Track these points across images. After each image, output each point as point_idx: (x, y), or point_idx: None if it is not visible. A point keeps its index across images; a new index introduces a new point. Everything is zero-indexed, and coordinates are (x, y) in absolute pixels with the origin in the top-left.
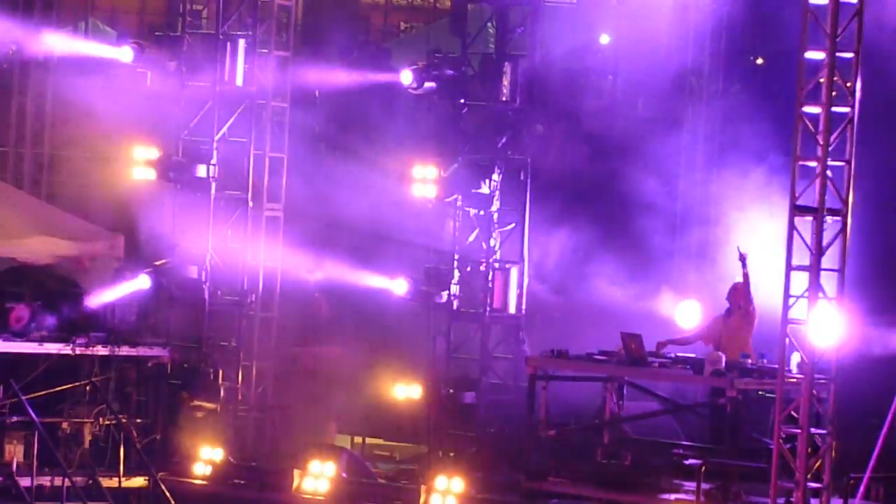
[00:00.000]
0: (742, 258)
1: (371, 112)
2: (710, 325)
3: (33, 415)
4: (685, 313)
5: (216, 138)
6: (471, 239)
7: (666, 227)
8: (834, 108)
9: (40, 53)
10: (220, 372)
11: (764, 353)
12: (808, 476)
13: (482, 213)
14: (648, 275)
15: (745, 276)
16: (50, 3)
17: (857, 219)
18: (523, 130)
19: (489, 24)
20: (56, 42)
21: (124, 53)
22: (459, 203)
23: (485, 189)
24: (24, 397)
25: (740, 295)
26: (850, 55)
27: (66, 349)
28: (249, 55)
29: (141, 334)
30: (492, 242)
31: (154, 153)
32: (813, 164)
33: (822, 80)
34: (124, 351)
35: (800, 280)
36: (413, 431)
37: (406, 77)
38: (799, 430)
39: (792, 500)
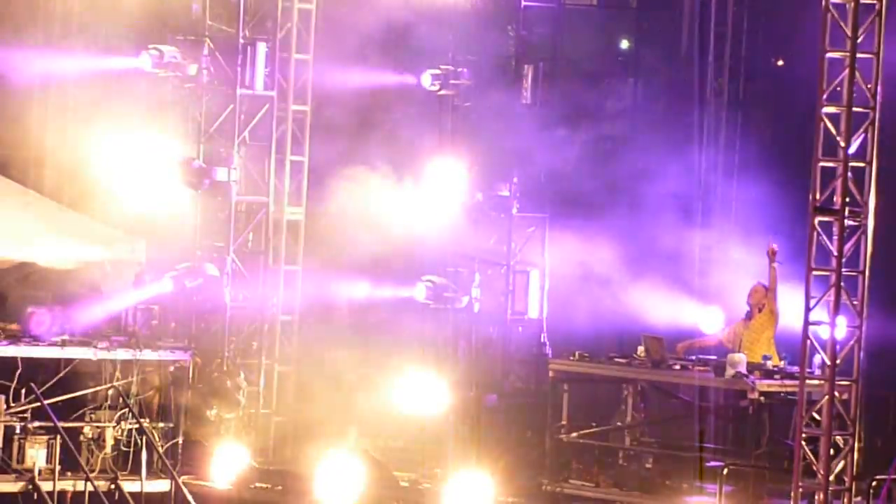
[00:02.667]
0: (771, 253)
1: (391, 114)
2: (731, 329)
3: (55, 419)
4: (708, 319)
5: (237, 142)
6: (491, 242)
7: (687, 230)
8: (855, 109)
9: (61, 60)
10: (242, 375)
11: (785, 355)
12: (831, 478)
13: (502, 215)
14: (669, 278)
15: (773, 270)
16: (70, 10)
17: (879, 219)
18: (544, 133)
19: (509, 27)
20: (76, 50)
21: (143, 61)
22: (480, 205)
23: (505, 192)
24: (45, 402)
25: (761, 296)
26: (870, 56)
27: (87, 353)
28: (270, 59)
29: (162, 338)
30: (512, 245)
31: (175, 157)
32: (833, 164)
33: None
34: (146, 355)
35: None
36: (434, 435)
37: (426, 80)
38: (821, 433)
39: (815, 502)
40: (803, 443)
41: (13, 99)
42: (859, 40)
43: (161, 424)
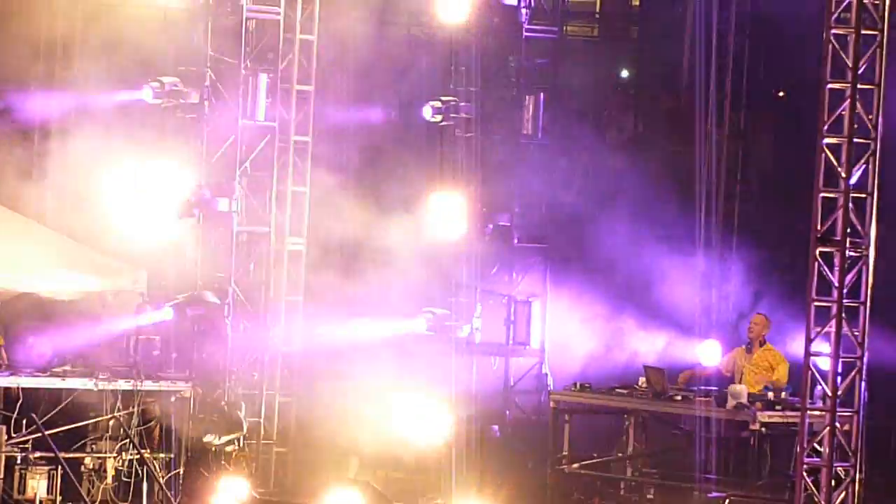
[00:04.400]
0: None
1: (391, 145)
2: (729, 358)
3: (56, 450)
4: (707, 352)
5: (238, 172)
6: (493, 272)
7: (689, 261)
8: (856, 140)
9: (63, 93)
10: (243, 405)
11: (787, 387)
12: None
13: (503, 246)
14: (669, 309)
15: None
16: (73, 40)
17: (880, 250)
18: (545, 164)
19: (510, 58)
20: (77, 82)
21: (145, 93)
22: (480, 236)
23: (505, 222)
24: (46, 432)
25: (761, 328)
26: (872, 87)
27: (88, 384)
28: (272, 89)
29: (164, 368)
30: (513, 275)
31: (176, 188)
32: (834, 195)
33: (843, 112)
34: (147, 385)
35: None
36: (436, 465)
37: (427, 112)
38: (823, 464)
39: None
40: (805, 474)
41: (16, 131)
42: (860, 71)
43: (162, 455)
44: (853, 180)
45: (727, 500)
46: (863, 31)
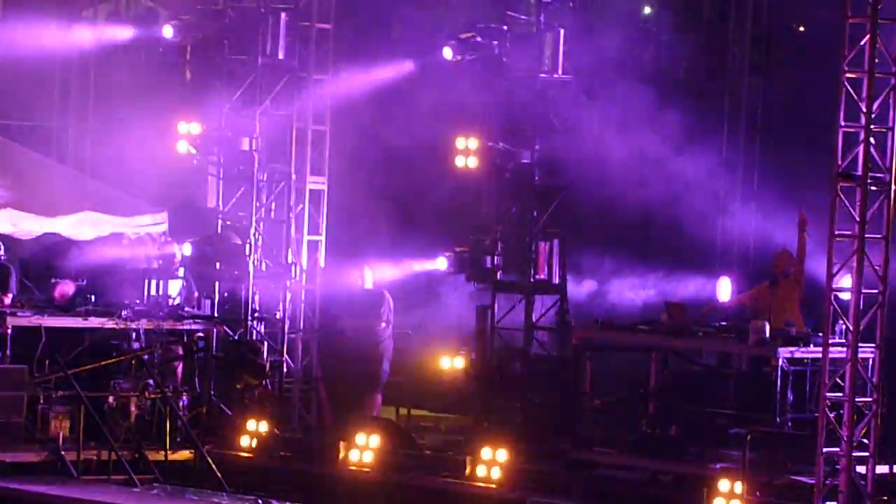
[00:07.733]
0: (802, 223)
1: (411, 85)
2: (754, 294)
3: (79, 389)
4: (721, 289)
5: (259, 112)
6: (513, 211)
7: (710, 197)
8: (877, 74)
9: (84, 34)
10: (266, 344)
11: (809, 321)
12: (854, 444)
13: (524, 183)
14: (689, 246)
15: (802, 241)
16: None
17: None
18: (565, 101)
19: None
20: (98, 22)
21: (165, 30)
22: (501, 174)
23: (526, 160)
24: (69, 372)
25: (785, 261)
26: (892, 21)
27: (110, 323)
28: (291, 28)
29: (186, 307)
30: (534, 213)
31: (197, 127)
32: (855, 130)
33: (864, 45)
34: (169, 324)
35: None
36: (458, 403)
37: (447, 52)
38: (845, 399)
39: (837, 467)
40: (826, 409)
41: (36, 72)
42: (880, 5)
43: (184, 394)
44: (874, 114)
45: (749, 436)
46: None
